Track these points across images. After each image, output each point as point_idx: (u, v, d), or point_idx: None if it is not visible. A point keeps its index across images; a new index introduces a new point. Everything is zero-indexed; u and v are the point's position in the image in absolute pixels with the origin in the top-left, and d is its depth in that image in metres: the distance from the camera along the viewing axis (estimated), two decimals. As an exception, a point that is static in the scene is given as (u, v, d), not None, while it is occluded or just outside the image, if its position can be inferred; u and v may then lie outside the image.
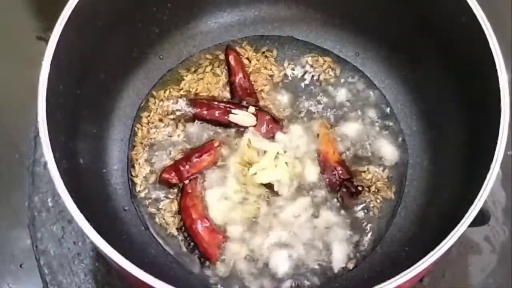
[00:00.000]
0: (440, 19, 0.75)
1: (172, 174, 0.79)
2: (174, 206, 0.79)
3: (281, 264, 0.76)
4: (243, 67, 0.86)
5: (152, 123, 0.84)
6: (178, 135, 0.83)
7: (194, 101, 0.84)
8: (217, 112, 0.83)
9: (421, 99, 0.83)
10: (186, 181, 0.79)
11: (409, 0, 0.78)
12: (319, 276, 0.76)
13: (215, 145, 0.81)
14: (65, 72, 0.67)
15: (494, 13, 0.69)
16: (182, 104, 0.85)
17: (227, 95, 0.86)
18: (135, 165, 0.81)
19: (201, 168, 0.80)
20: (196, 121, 0.84)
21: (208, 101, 0.84)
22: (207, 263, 0.76)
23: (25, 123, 0.85)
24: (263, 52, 0.89)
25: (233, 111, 0.82)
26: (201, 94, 0.86)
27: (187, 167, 0.79)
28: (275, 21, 0.90)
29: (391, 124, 0.85)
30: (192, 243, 0.77)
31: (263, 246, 0.76)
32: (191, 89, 0.86)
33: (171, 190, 0.80)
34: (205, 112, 0.83)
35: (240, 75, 0.85)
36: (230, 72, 0.86)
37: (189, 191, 0.79)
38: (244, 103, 0.84)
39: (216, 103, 0.83)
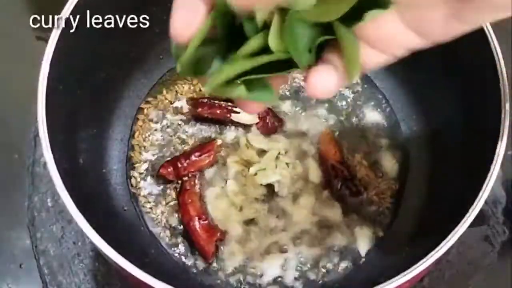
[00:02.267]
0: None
1: (170, 170, 0.79)
2: (174, 206, 0.79)
3: (279, 265, 0.76)
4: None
5: (152, 123, 0.84)
6: (179, 135, 0.83)
7: (195, 100, 0.84)
8: (219, 111, 0.82)
9: (421, 99, 0.83)
10: (185, 178, 0.79)
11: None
12: (318, 277, 0.76)
13: (216, 145, 0.81)
14: (65, 72, 0.66)
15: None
16: (182, 103, 0.85)
17: (228, 94, 0.86)
18: (135, 165, 0.81)
19: (199, 167, 0.80)
20: (196, 120, 0.84)
21: (209, 100, 0.84)
22: (207, 262, 0.76)
23: (25, 123, 0.85)
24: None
25: (235, 109, 0.82)
26: (201, 93, 0.86)
27: (185, 164, 0.79)
28: (275, 20, 0.90)
29: (391, 124, 0.85)
30: (191, 242, 0.77)
31: (262, 247, 0.76)
32: (191, 89, 0.86)
33: (171, 190, 0.80)
34: (207, 111, 0.83)
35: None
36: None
37: (188, 188, 0.79)
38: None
39: (217, 102, 0.83)
